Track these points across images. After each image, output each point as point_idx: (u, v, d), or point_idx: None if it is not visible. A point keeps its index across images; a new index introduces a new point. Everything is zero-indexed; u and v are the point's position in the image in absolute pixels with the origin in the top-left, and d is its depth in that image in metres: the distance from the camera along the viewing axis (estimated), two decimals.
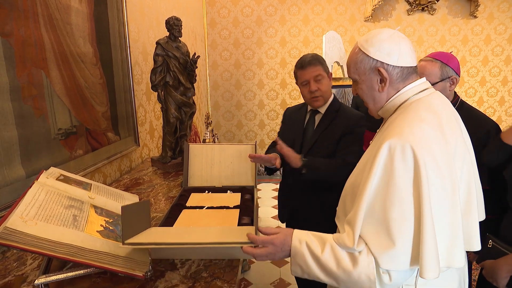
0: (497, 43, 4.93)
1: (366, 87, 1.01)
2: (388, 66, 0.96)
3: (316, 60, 1.76)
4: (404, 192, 0.83)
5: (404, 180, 0.83)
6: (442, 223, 0.85)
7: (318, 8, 4.89)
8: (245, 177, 1.73)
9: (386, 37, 0.97)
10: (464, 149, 0.93)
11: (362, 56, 0.99)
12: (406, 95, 0.98)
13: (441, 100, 0.98)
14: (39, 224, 0.85)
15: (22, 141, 1.32)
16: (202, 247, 1.03)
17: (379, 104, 1.02)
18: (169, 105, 2.22)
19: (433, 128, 0.88)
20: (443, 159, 0.85)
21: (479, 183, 1.04)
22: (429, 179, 0.82)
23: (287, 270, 2.78)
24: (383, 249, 0.84)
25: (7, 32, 1.25)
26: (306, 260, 0.92)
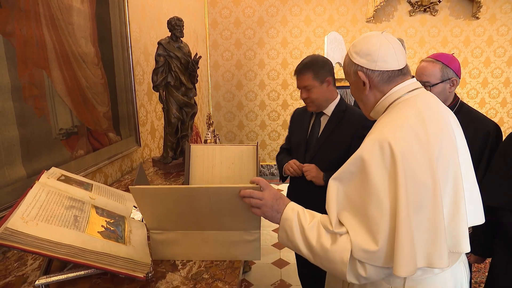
0: (499, 44, 4.92)
1: (355, 89, 1.08)
2: (367, 70, 1.00)
3: (307, 67, 1.71)
4: (381, 187, 0.84)
5: (381, 175, 0.85)
6: (420, 218, 0.84)
7: (319, 8, 4.89)
8: (247, 178, 1.72)
9: (368, 42, 1.00)
10: (450, 150, 0.91)
11: (347, 59, 1.05)
12: (394, 96, 1.00)
13: (428, 100, 0.98)
14: (40, 225, 0.85)
15: (23, 141, 1.32)
16: (204, 192, 0.98)
17: (368, 106, 1.06)
18: (170, 106, 2.22)
19: (414, 126, 0.88)
20: (423, 156, 0.85)
21: (475, 185, 1.03)
22: (407, 173, 0.82)
23: (288, 272, 2.77)
24: (364, 244, 0.85)
25: (9, 32, 1.25)
26: (293, 228, 0.95)
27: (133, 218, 1.24)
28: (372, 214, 0.85)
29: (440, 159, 0.87)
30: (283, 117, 5.26)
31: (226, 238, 1.09)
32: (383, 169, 0.85)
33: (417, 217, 0.84)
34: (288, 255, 3.01)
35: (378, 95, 1.02)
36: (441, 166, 0.87)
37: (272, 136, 5.32)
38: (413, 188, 0.83)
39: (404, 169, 0.82)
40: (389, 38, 1.01)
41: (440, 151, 0.88)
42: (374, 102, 1.04)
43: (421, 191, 0.83)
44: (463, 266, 1.02)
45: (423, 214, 0.84)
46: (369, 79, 1.00)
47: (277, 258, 2.99)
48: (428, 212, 0.84)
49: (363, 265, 0.87)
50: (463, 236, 0.89)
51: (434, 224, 0.84)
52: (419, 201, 0.84)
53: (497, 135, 1.55)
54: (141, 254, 0.98)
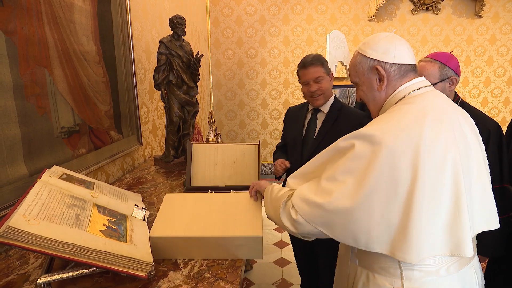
0: (502, 43, 4.89)
1: (366, 88, 1.06)
2: (385, 64, 1.00)
3: (318, 60, 1.79)
4: (354, 164, 0.89)
5: (360, 155, 0.88)
6: (389, 208, 0.86)
7: (321, 7, 4.87)
8: (248, 177, 1.72)
9: (382, 38, 1.03)
10: (452, 151, 0.89)
11: (360, 57, 1.05)
12: (403, 93, 1.00)
13: (435, 100, 0.97)
14: (41, 223, 0.85)
15: (25, 140, 1.32)
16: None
17: (379, 104, 1.06)
18: (172, 104, 2.21)
19: (409, 125, 0.89)
20: (409, 154, 0.85)
21: (489, 189, 0.99)
22: (385, 165, 0.85)
23: (290, 270, 2.77)
24: (306, 194, 0.96)
25: (11, 30, 1.25)
26: (271, 188, 1.17)
27: (134, 217, 1.24)
28: (326, 185, 0.93)
29: (432, 159, 0.86)
30: None
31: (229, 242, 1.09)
32: (364, 149, 0.88)
33: (384, 207, 0.86)
34: (289, 254, 3.00)
35: (389, 91, 1.02)
36: (433, 166, 0.86)
37: (274, 134, 5.31)
38: (389, 181, 0.85)
39: (385, 163, 0.85)
40: (398, 36, 1.04)
41: (434, 151, 0.87)
42: (385, 99, 1.04)
43: (398, 184, 0.85)
44: (474, 272, 0.99)
45: (395, 206, 0.86)
46: (387, 74, 1.01)
47: (278, 257, 2.99)
48: (401, 205, 0.85)
49: (294, 210, 0.98)
50: (466, 240, 0.87)
51: (406, 217, 0.85)
52: (394, 193, 0.85)
53: (498, 133, 1.54)
54: (142, 253, 0.98)
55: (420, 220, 0.85)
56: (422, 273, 0.92)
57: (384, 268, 0.96)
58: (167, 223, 1.16)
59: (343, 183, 0.90)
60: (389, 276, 0.95)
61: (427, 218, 0.86)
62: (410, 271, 0.92)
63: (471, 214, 0.91)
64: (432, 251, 0.88)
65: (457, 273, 0.94)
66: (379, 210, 0.86)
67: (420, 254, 0.86)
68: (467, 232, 0.87)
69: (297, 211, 0.97)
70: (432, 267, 0.91)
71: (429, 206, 0.86)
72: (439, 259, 0.91)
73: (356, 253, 1.05)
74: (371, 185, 0.86)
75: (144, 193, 1.75)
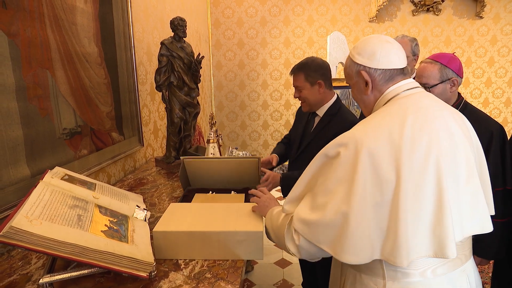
0: (503, 43, 4.89)
1: (356, 90, 1.09)
2: (370, 69, 1.01)
3: (299, 69, 1.79)
4: (341, 172, 0.89)
5: (344, 162, 0.89)
6: (378, 212, 0.86)
7: (322, 8, 4.88)
8: (248, 178, 1.72)
9: (369, 42, 1.03)
10: (436, 152, 0.87)
11: (349, 61, 1.07)
12: (390, 95, 1.01)
13: (421, 100, 0.97)
14: (44, 224, 0.85)
15: (27, 141, 1.33)
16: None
17: (369, 106, 1.07)
18: (173, 105, 2.22)
19: (390, 126, 0.89)
20: (391, 156, 0.86)
21: (480, 191, 0.96)
22: (368, 170, 0.85)
23: (291, 271, 2.77)
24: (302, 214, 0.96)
25: (13, 32, 1.26)
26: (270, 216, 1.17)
27: (136, 218, 1.25)
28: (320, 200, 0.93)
29: (414, 160, 0.85)
30: (286, 117, 5.26)
31: (230, 237, 1.10)
32: (347, 158, 0.88)
33: (374, 211, 0.86)
34: (290, 255, 3.00)
35: (377, 95, 1.04)
36: (415, 166, 0.85)
37: (275, 136, 5.32)
38: (374, 184, 0.85)
39: (367, 166, 0.85)
40: (389, 39, 1.04)
41: (415, 153, 0.86)
42: (374, 102, 1.05)
43: (383, 187, 0.85)
44: (465, 277, 0.96)
45: (383, 209, 0.86)
46: (371, 78, 1.02)
47: (279, 258, 2.99)
48: (388, 207, 0.86)
49: (297, 234, 0.97)
50: (448, 242, 0.85)
51: (395, 220, 0.85)
52: (380, 196, 0.86)
53: (502, 135, 1.54)
54: (144, 253, 0.98)
55: (406, 222, 0.84)
56: (406, 274, 0.91)
57: (369, 268, 0.96)
58: (171, 221, 1.18)
59: (335, 194, 0.90)
60: (373, 276, 0.95)
61: (412, 219, 0.85)
62: (393, 271, 0.92)
63: (460, 217, 0.90)
64: (419, 252, 0.87)
65: (445, 276, 0.92)
66: (371, 214, 0.86)
67: (409, 256, 0.85)
68: (449, 234, 0.85)
69: (299, 235, 0.96)
70: (417, 268, 0.90)
71: (414, 207, 0.85)
72: (424, 260, 0.90)
73: None
74: (360, 190, 0.85)
75: (145, 194, 1.76)
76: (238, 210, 1.28)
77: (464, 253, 0.97)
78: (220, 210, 1.27)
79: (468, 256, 1.00)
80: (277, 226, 1.08)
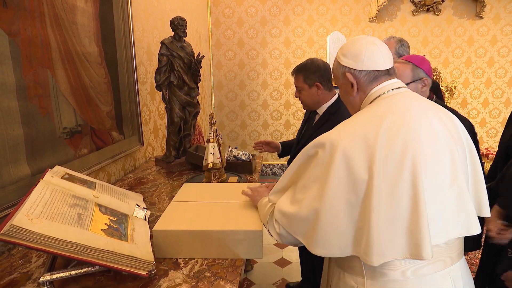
0: (503, 44, 4.89)
1: (343, 91, 1.11)
2: (355, 71, 1.03)
3: (298, 71, 1.87)
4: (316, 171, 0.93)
5: (320, 162, 0.92)
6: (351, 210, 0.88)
7: (322, 8, 4.88)
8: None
9: (354, 44, 1.04)
10: (411, 153, 0.86)
11: (336, 63, 1.09)
12: (374, 95, 1.02)
13: (402, 101, 0.97)
14: (44, 222, 0.86)
15: (27, 140, 1.33)
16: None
17: (355, 107, 1.08)
18: (173, 105, 2.23)
19: (365, 127, 0.91)
20: (365, 156, 0.87)
21: (466, 193, 0.94)
22: (342, 171, 0.87)
23: (290, 271, 2.78)
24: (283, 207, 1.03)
25: (14, 31, 1.27)
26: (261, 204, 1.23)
27: (136, 217, 1.25)
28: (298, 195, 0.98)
29: (388, 162, 0.86)
30: (286, 116, 5.26)
31: (229, 236, 1.10)
32: (323, 157, 0.92)
33: (347, 209, 0.89)
34: (290, 255, 3.01)
35: (363, 95, 1.05)
36: (389, 167, 0.85)
37: (275, 135, 5.32)
38: (347, 184, 0.88)
39: (341, 167, 0.88)
40: (375, 40, 1.04)
41: (390, 155, 0.86)
42: (360, 103, 1.06)
43: (357, 187, 0.87)
44: (449, 280, 0.94)
45: (356, 208, 0.88)
46: (356, 80, 1.03)
47: (279, 257, 2.99)
48: (361, 207, 0.88)
49: (277, 224, 1.05)
50: (424, 244, 0.83)
51: (367, 220, 0.86)
52: (354, 195, 0.88)
53: (473, 132, 1.57)
54: (143, 252, 0.99)
55: (379, 223, 0.85)
56: (386, 273, 0.92)
57: (351, 267, 0.98)
58: (170, 220, 1.19)
59: (310, 190, 0.94)
60: (354, 274, 0.97)
61: (386, 221, 0.85)
62: (372, 271, 0.93)
63: (444, 219, 0.90)
64: (395, 253, 0.86)
65: (426, 277, 0.91)
66: (343, 213, 0.88)
67: (382, 256, 0.85)
68: (425, 235, 0.84)
69: (279, 224, 1.04)
70: (396, 268, 0.90)
71: (388, 207, 0.85)
72: (404, 261, 0.90)
73: None
74: (332, 188, 0.88)
75: (145, 193, 1.77)
76: (237, 209, 1.29)
77: (450, 255, 0.96)
78: (219, 209, 1.28)
79: (456, 258, 0.97)
80: (264, 214, 1.16)
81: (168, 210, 1.28)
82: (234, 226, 1.13)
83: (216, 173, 1.83)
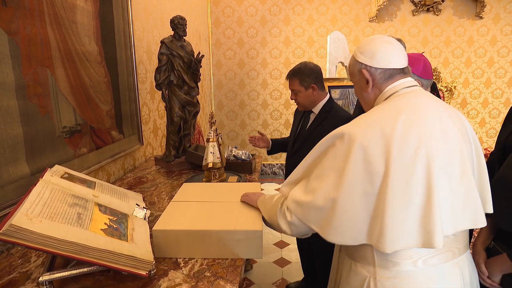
0: (503, 44, 4.89)
1: (358, 88, 1.14)
2: (371, 68, 1.06)
3: (294, 74, 1.96)
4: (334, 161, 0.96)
5: (338, 152, 0.95)
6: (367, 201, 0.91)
7: (322, 8, 4.88)
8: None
9: (372, 42, 1.08)
10: (426, 148, 0.90)
11: (352, 60, 1.13)
12: (389, 92, 1.05)
13: (416, 99, 1.01)
14: (43, 222, 0.86)
15: (27, 139, 1.33)
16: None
17: (369, 103, 1.12)
18: (173, 104, 2.22)
19: (383, 122, 0.93)
20: (382, 150, 0.90)
21: (473, 187, 0.98)
22: (360, 163, 0.91)
23: (290, 271, 2.78)
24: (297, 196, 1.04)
25: (14, 30, 1.26)
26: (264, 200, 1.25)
27: (135, 216, 1.25)
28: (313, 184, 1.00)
29: (403, 154, 0.90)
30: (285, 116, 5.26)
31: (229, 236, 1.10)
32: (341, 147, 0.95)
33: (363, 199, 0.91)
34: (289, 254, 3.01)
35: (377, 92, 1.08)
36: (404, 161, 0.89)
37: (275, 135, 5.32)
38: (364, 175, 0.91)
39: (359, 158, 0.91)
40: (391, 40, 1.08)
41: (405, 147, 0.90)
42: (374, 99, 1.10)
43: (373, 178, 0.90)
44: (458, 270, 0.98)
45: (372, 198, 0.91)
46: (372, 77, 1.07)
47: (278, 257, 2.99)
48: (376, 197, 0.91)
49: (289, 212, 1.05)
50: (435, 233, 0.88)
51: (382, 208, 0.89)
52: (370, 186, 0.91)
53: None
54: (143, 252, 0.98)
55: (393, 212, 0.89)
56: (397, 263, 0.95)
57: (363, 257, 1.01)
58: (170, 219, 1.19)
59: (326, 179, 0.96)
60: (366, 264, 1.00)
61: (400, 210, 0.89)
62: (384, 260, 0.96)
63: (453, 211, 0.94)
64: (407, 242, 0.90)
65: (437, 267, 0.95)
66: (359, 202, 0.92)
67: (394, 244, 0.89)
68: (437, 224, 0.88)
69: (292, 213, 1.05)
70: (408, 257, 0.94)
71: (402, 198, 0.89)
72: (415, 250, 0.93)
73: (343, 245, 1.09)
74: (349, 179, 0.91)
75: (145, 192, 1.76)
76: (237, 209, 1.29)
77: (457, 247, 1.00)
78: (219, 209, 1.28)
79: (463, 250, 1.02)
80: (271, 205, 1.17)
81: (168, 209, 1.28)
82: (234, 226, 1.13)
83: (216, 173, 1.82)
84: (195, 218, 1.19)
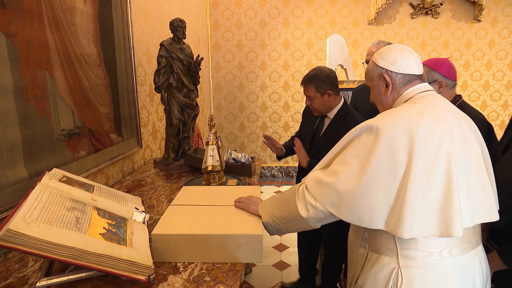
0: (501, 47, 4.91)
1: (376, 91, 1.21)
2: (392, 73, 1.14)
3: (309, 81, 1.94)
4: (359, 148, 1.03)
5: (365, 142, 1.02)
6: (389, 187, 0.97)
7: (321, 11, 4.89)
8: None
9: (393, 49, 1.16)
10: (447, 144, 0.98)
11: (372, 65, 1.20)
12: (407, 96, 1.13)
13: (435, 100, 1.09)
14: (41, 227, 0.85)
15: (25, 142, 1.32)
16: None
17: (387, 106, 1.19)
18: (172, 107, 2.21)
19: (408, 118, 1.01)
20: (407, 142, 0.97)
21: (488, 182, 1.06)
22: (385, 153, 0.97)
23: (289, 274, 2.76)
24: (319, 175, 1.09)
25: (12, 32, 1.25)
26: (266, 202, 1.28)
27: (134, 220, 1.24)
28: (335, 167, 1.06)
29: (426, 148, 0.96)
30: (285, 118, 5.25)
31: (229, 240, 1.09)
32: (367, 138, 1.02)
33: (384, 187, 0.98)
34: (289, 257, 3.00)
35: (396, 96, 1.16)
36: (427, 155, 0.96)
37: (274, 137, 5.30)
38: (388, 165, 0.97)
39: (385, 149, 0.97)
40: (410, 49, 1.17)
41: (428, 143, 0.97)
42: (392, 102, 1.17)
43: (396, 168, 0.97)
44: (477, 260, 1.06)
45: (393, 186, 0.97)
46: (392, 81, 1.15)
47: (278, 260, 2.98)
48: (398, 185, 0.97)
49: (308, 192, 1.10)
50: (455, 222, 0.95)
51: (402, 197, 0.96)
52: (392, 176, 0.97)
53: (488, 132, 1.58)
54: (142, 256, 0.97)
55: (413, 200, 0.95)
56: (425, 253, 1.00)
57: (389, 249, 1.05)
58: (169, 223, 1.17)
59: (350, 165, 1.02)
60: (393, 256, 1.04)
61: (420, 200, 0.96)
62: (414, 250, 1.01)
63: (470, 205, 1.00)
64: (424, 231, 0.96)
65: (460, 257, 1.02)
66: (380, 190, 0.98)
67: (412, 231, 0.96)
68: (456, 215, 0.95)
69: (310, 193, 1.09)
70: (435, 248, 1.00)
71: (422, 189, 0.96)
72: (440, 240, 0.99)
73: (366, 239, 1.12)
74: (373, 167, 0.98)
75: (143, 196, 1.75)
76: (237, 212, 1.28)
77: (475, 238, 1.08)
78: (219, 213, 1.27)
79: (479, 241, 1.10)
80: (284, 198, 1.21)
81: (167, 213, 1.27)
82: (234, 230, 1.12)
83: (215, 176, 1.81)
84: (195, 222, 1.18)
